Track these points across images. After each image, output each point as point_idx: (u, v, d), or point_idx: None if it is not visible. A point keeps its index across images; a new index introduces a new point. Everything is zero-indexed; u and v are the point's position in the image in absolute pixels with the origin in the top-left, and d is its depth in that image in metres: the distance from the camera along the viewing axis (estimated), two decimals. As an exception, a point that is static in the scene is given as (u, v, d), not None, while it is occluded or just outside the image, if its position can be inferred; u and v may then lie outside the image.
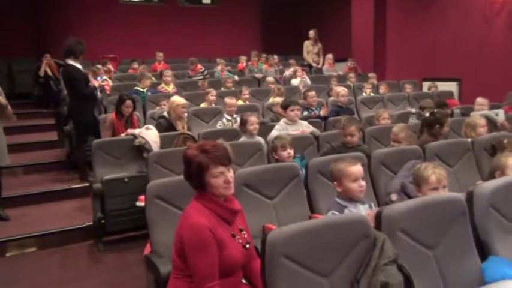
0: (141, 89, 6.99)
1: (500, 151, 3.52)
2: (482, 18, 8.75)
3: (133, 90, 6.94)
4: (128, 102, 5.14)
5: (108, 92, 6.93)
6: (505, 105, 6.38)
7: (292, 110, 4.76)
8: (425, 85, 9.01)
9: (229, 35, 13.16)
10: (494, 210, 2.31)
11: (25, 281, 3.71)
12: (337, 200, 2.54)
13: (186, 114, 5.19)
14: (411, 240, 2.02)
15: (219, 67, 9.32)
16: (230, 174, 2.07)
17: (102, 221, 4.16)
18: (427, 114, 4.45)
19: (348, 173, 2.50)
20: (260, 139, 4.44)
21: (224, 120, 5.48)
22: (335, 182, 2.57)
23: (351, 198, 2.51)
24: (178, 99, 5.08)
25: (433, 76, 9.32)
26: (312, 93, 6.19)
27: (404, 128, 4.04)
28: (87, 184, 4.86)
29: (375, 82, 8.75)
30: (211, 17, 13.23)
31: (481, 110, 5.55)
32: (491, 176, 2.98)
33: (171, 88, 7.59)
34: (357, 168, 2.52)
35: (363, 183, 2.52)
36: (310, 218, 3.07)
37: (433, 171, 2.55)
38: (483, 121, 4.46)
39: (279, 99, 5.91)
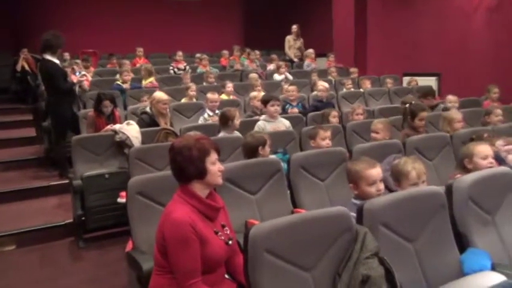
0: (122, 84, 6.92)
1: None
2: (462, 13, 8.87)
3: (114, 85, 6.86)
4: (106, 102, 5.06)
5: (87, 88, 6.83)
6: (484, 100, 6.49)
7: (273, 105, 4.73)
8: (406, 80, 9.11)
9: (211, 29, 13.10)
10: (473, 203, 2.35)
11: (3, 279, 3.65)
12: (354, 201, 2.42)
13: (167, 111, 5.14)
14: (392, 234, 2.05)
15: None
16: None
17: (83, 218, 4.11)
18: (407, 106, 4.52)
19: (365, 176, 2.40)
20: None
21: (206, 115, 5.46)
22: (351, 184, 2.47)
23: None
24: (159, 95, 5.03)
25: (414, 71, 9.42)
26: (292, 87, 6.20)
27: (384, 120, 4.10)
28: (67, 181, 4.80)
29: (356, 77, 8.81)
30: (192, 11, 13.15)
31: (452, 107, 5.62)
32: (461, 164, 3.05)
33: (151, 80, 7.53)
34: (376, 171, 2.41)
35: (381, 186, 2.42)
36: (292, 212, 3.08)
37: (413, 167, 2.57)
38: (459, 116, 4.53)
39: (256, 94, 5.90)
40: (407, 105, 4.61)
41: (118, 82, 7.00)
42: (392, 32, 10.12)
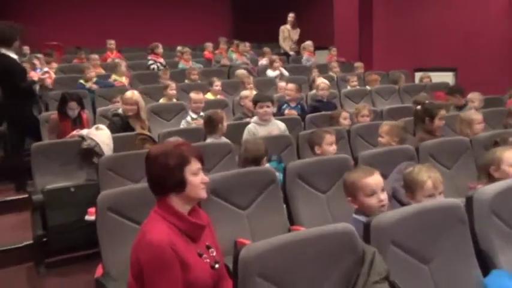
0: (85, 83, 6.90)
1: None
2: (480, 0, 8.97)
3: (78, 84, 6.84)
4: (72, 104, 5.02)
5: (50, 86, 6.81)
6: (508, 99, 6.54)
7: (261, 107, 4.70)
8: (418, 76, 9.17)
9: (193, 19, 13.14)
10: (497, 218, 2.36)
11: None
12: (356, 216, 2.43)
13: (139, 112, 5.08)
14: (404, 254, 2.05)
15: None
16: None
17: (44, 239, 4.06)
18: (418, 107, 4.54)
19: (362, 186, 2.40)
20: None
21: (189, 118, 5.45)
22: (349, 198, 2.48)
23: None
24: (125, 95, 5.02)
25: (426, 66, 9.49)
26: (291, 85, 6.21)
27: (392, 123, 4.11)
28: (25, 195, 4.75)
29: (361, 72, 8.86)
30: (171, -2, 13.19)
31: (473, 106, 5.66)
32: (485, 172, 3.06)
33: (124, 80, 7.53)
34: (373, 180, 2.42)
35: (382, 196, 2.41)
36: (289, 230, 3.07)
37: (429, 176, 2.57)
38: (480, 117, 4.54)
39: (248, 93, 5.90)
40: (418, 106, 4.63)
41: (81, 81, 6.97)
42: (401, 21, 10.19)
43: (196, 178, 2.07)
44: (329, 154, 3.78)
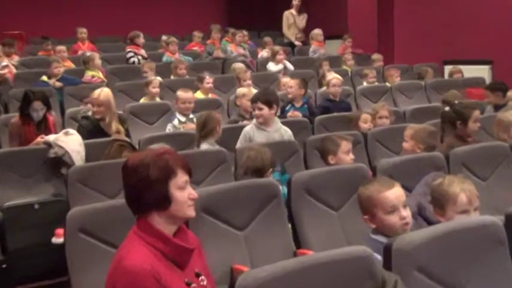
0: (48, 80, 6.90)
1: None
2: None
3: (39, 82, 6.81)
4: (36, 104, 5.02)
5: (11, 83, 6.82)
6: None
7: (253, 109, 4.70)
8: (447, 70, 9.18)
9: (180, 3, 13.14)
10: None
11: None
12: (374, 236, 2.43)
13: (107, 115, 5.06)
14: (432, 282, 2.04)
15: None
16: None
17: (3, 266, 4.04)
18: (446, 108, 4.53)
19: (380, 201, 2.39)
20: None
21: (176, 122, 5.45)
22: (366, 216, 2.48)
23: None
24: (96, 94, 5.03)
25: (457, 57, 9.50)
26: (291, 81, 6.20)
27: (419, 126, 4.10)
28: (-19, 214, 4.75)
29: (380, 66, 8.87)
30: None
31: None
32: None
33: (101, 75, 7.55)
34: (394, 194, 2.41)
35: (405, 213, 2.40)
36: (295, 255, 3.07)
37: (462, 189, 2.57)
38: None
39: (245, 90, 5.90)
40: (447, 108, 4.60)
41: (43, 78, 6.96)
42: (428, 5, 10.21)
43: (183, 193, 2.06)
44: (347, 164, 3.79)
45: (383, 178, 2.58)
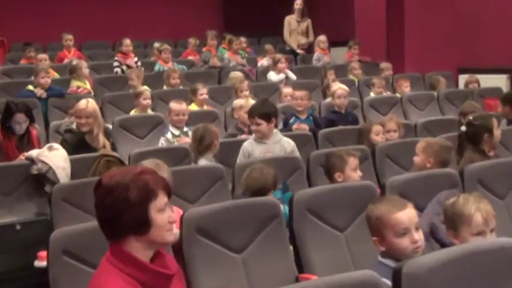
0: (34, 89, 6.90)
1: None
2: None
3: (23, 91, 6.82)
4: (19, 116, 5.03)
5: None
6: None
7: (251, 124, 4.73)
8: (463, 79, 9.19)
9: (173, 8, 13.18)
10: None
11: None
12: (382, 260, 2.45)
13: (95, 128, 5.07)
14: (446, 310, 2.04)
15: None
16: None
17: (-18, 291, 4.06)
18: (463, 128, 4.51)
19: (391, 223, 2.42)
20: None
21: (169, 135, 5.46)
22: (375, 238, 2.49)
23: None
24: (77, 104, 5.04)
25: (473, 66, 9.52)
26: (300, 93, 6.22)
27: (432, 140, 4.11)
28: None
29: (390, 75, 8.89)
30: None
31: None
32: None
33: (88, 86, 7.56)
34: (406, 215, 2.43)
35: (417, 236, 2.43)
36: (297, 280, 3.06)
37: (478, 208, 2.57)
38: None
39: (243, 102, 5.91)
40: (463, 127, 4.58)
41: (30, 87, 6.96)
42: (441, 9, 10.24)
43: (163, 216, 2.04)
44: (355, 181, 3.80)
45: (394, 197, 2.59)
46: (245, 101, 5.98)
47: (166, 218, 2.05)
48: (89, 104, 5.01)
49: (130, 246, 2.01)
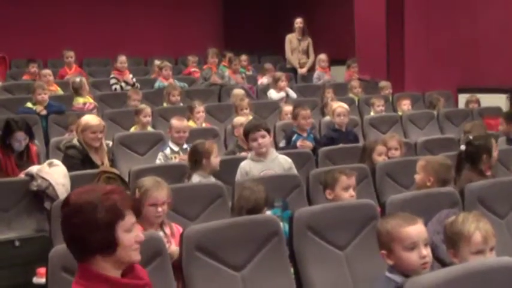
0: (33, 106, 6.90)
1: None
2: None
3: (23, 108, 6.81)
4: (18, 134, 5.02)
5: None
6: None
7: (254, 139, 4.62)
8: (463, 98, 9.21)
9: (174, 25, 13.22)
10: None
11: None
12: (389, 275, 2.48)
13: (102, 142, 5.09)
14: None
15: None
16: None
17: (-21, 309, 4.04)
18: (462, 147, 4.53)
19: (400, 237, 2.44)
20: None
21: (168, 151, 5.46)
22: (383, 251, 2.51)
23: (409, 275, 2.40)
24: (85, 120, 5.03)
25: (473, 85, 9.54)
26: (306, 112, 6.22)
27: (432, 158, 4.11)
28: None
29: (389, 94, 8.92)
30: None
31: None
32: None
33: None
34: (415, 230, 2.46)
35: (425, 252, 2.45)
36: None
37: (477, 227, 2.58)
38: None
39: (243, 119, 5.91)
40: (462, 146, 4.59)
41: (28, 104, 6.95)
42: (440, 29, 10.28)
43: (130, 236, 2.04)
44: (344, 201, 3.78)
45: (405, 214, 2.58)
46: (245, 119, 5.99)
47: (133, 237, 2.06)
48: (98, 118, 5.06)
49: (98, 265, 2.02)
